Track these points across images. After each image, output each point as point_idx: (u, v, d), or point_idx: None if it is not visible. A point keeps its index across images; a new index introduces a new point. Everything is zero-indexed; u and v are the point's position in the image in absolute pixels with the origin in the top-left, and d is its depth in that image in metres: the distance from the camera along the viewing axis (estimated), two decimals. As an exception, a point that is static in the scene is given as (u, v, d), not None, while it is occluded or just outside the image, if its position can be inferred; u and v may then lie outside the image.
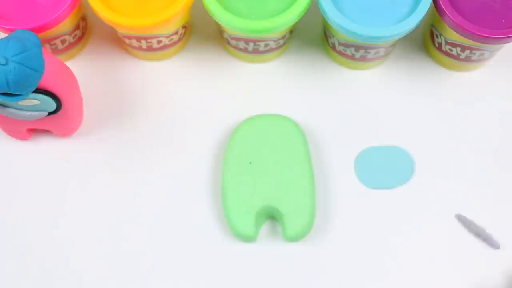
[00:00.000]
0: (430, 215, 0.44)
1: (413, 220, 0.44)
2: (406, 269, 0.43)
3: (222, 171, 0.44)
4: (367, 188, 0.45)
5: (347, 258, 0.43)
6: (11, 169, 0.46)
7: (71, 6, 0.44)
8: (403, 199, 0.45)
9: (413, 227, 0.44)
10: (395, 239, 0.44)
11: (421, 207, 0.44)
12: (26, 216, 0.44)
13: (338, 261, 0.43)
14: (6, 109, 0.41)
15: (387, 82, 0.48)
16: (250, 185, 0.43)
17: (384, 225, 0.44)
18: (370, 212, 0.44)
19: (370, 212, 0.44)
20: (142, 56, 0.49)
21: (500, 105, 0.47)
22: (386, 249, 0.43)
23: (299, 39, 0.50)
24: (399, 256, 0.43)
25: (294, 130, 0.45)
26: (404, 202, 0.44)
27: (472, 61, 0.47)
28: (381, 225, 0.44)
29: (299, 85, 0.48)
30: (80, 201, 0.45)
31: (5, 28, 0.43)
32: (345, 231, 0.43)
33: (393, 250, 0.43)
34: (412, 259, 0.43)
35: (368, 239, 0.44)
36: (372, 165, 0.45)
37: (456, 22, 0.42)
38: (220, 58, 0.49)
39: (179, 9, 0.43)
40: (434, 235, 0.44)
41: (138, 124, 0.47)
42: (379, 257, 0.43)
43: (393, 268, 0.43)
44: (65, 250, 0.44)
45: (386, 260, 0.43)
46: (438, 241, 0.43)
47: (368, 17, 0.43)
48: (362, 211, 0.44)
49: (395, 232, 0.44)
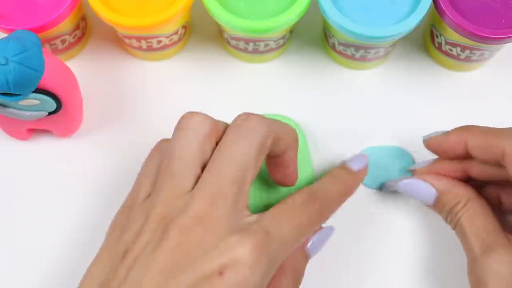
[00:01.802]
0: (430, 215, 0.44)
1: (413, 220, 0.44)
2: (407, 269, 0.43)
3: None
4: (367, 188, 0.45)
5: (347, 258, 0.43)
6: (11, 169, 0.46)
7: (71, 6, 0.44)
8: (403, 199, 0.45)
9: (413, 227, 0.44)
10: (395, 239, 0.44)
11: (421, 207, 0.44)
12: (26, 216, 0.44)
13: (338, 261, 0.43)
14: (6, 109, 0.41)
15: (387, 82, 0.48)
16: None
17: (384, 225, 0.44)
18: (370, 212, 0.44)
19: (370, 212, 0.44)
20: (142, 56, 0.49)
21: (500, 105, 0.47)
22: (386, 249, 0.43)
23: (299, 39, 0.50)
24: (399, 256, 0.43)
25: (294, 130, 0.45)
26: (404, 202, 0.44)
27: (472, 61, 0.47)
28: (381, 225, 0.44)
29: (299, 85, 0.48)
30: (80, 201, 0.45)
31: (5, 28, 0.43)
32: (345, 231, 0.43)
33: (393, 250, 0.43)
34: (412, 259, 0.43)
35: (368, 239, 0.44)
36: (372, 165, 0.45)
37: (456, 22, 0.42)
38: (220, 58, 0.49)
39: (179, 9, 0.43)
40: (435, 235, 0.44)
41: (138, 124, 0.47)
42: (379, 257, 0.43)
43: (393, 268, 0.43)
44: (65, 250, 0.44)
45: (386, 260, 0.43)
46: (438, 241, 0.43)
47: (368, 17, 0.43)
48: (362, 211, 0.44)
49: (395, 232, 0.44)
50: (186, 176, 0.34)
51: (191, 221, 0.32)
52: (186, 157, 0.34)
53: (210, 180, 0.34)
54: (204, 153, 0.35)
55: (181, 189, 0.34)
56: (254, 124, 0.35)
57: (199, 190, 0.33)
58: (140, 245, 0.33)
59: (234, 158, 0.34)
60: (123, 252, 0.33)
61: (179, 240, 0.32)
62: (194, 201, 0.33)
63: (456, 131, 0.39)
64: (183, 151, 0.35)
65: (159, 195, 0.34)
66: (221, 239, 0.32)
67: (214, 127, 0.36)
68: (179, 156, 0.35)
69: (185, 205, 0.33)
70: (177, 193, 0.34)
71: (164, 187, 0.34)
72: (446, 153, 0.40)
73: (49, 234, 0.44)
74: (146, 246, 0.33)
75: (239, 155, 0.34)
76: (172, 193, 0.34)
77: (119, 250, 0.34)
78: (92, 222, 0.44)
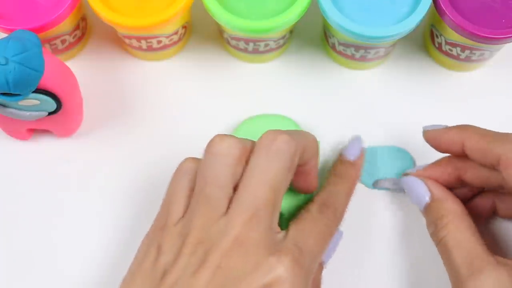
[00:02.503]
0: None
1: (413, 220, 0.44)
2: (407, 268, 0.43)
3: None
4: (367, 188, 0.45)
5: (347, 258, 0.43)
6: (11, 169, 0.46)
7: (71, 6, 0.44)
8: (403, 199, 0.45)
9: (413, 227, 0.44)
10: (395, 239, 0.44)
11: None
12: (26, 216, 0.44)
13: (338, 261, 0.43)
14: (6, 109, 0.41)
15: (387, 82, 0.48)
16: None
17: (384, 225, 0.44)
18: (370, 212, 0.44)
19: (370, 212, 0.44)
20: (142, 56, 0.49)
21: (500, 105, 0.47)
22: (386, 249, 0.43)
23: (299, 39, 0.50)
24: (399, 256, 0.43)
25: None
26: (404, 202, 0.44)
27: (472, 61, 0.47)
28: (381, 225, 0.44)
29: (299, 85, 0.48)
30: (80, 201, 0.45)
31: (5, 28, 0.43)
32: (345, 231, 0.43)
33: (393, 250, 0.43)
34: (412, 259, 0.43)
35: (368, 239, 0.44)
36: (372, 165, 0.45)
37: (456, 22, 0.42)
38: (220, 58, 0.49)
39: (179, 9, 0.43)
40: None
41: (138, 124, 0.47)
42: (379, 257, 0.43)
43: (394, 268, 0.43)
44: (65, 250, 0.44)
45: (386, 260, 0.43)
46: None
47: (368, 17, 0.43)
48: (362, 211, 0.44)
49: (395, 232, 0.44)
50: (220, 200, 0.35)
51: (230, 244, 0.34)
52: (219, 183, 0.36)
53: (245, 203, 0.35)
54: (235, 175, 0.36)
55: (216, 213, 0.35)
56: (283, 144, 0.36)
57: (236, 213, 0.35)
58: (179, 267, 0.34)
59: (266, 179, 0.35)
60: (162, 273, 0.34)
61: (220, 263, 0.33)
62: (232, 224, 0.34)
63: (455, 130, 0.40)
64: (216, 176, 0.36)
65: (195, 218, 0.35)
66: (261, 260, 0.34)
67: (243, 148, 0.37)
68: (212, 181, 0.36)
69: (223, 229, 0.34)
70: (212, 217, 0.35)
71: (199, 211, 0.35)
72: (441, 148, 0.41)
73: (49, 234, 0.44)
74: (186, 269, 0.34)
75: (271, 177, 0.35)
76: (208, 217, 0.35)
77: (157, 271, 0.35)
78: (92, 222, 0.44)
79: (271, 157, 0.36)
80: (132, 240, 0.44)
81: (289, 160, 0.36)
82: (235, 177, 0.36)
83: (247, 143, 0.37)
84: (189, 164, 0.39)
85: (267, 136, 0.37)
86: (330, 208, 0.38)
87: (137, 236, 0.44)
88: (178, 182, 0.38)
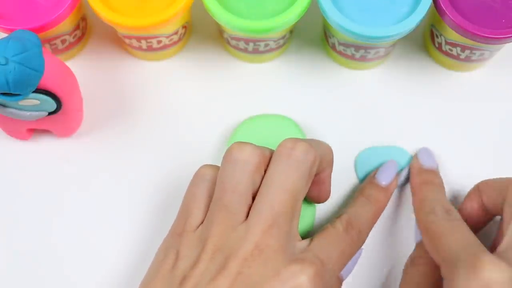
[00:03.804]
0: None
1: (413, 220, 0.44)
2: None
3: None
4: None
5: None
6: (11, 169, 0.46)
7: (71, 6, 0.44)
8: (403, 199, 0.45)
9: (413, 227, 0.44)
10: (395, 239, 0.44)
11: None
12: (26, 216, 0.44)
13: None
14: (6, 109, 0.41)
15: (387, 82, 0.48)
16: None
17: (384, 225, 0.44)
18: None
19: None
20: (142, 56, 0.49)
21: (500, 105, 0.47)
22: (386, 249, 0.43)
23: (299, 39, 0.50)
24: (399, 256, 0.43)
25: (294, 130, 0.45)
26: (404, 202, 0.45)
27: (472, 61, 0.47)
28: (381, 225, 0.44)
29: (299, 85, 0.48)
30: (80, 201, 0.45)
31: (5, 28, 0.43)
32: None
33: (393, 250, 0.43)
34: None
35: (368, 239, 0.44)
36: (372, 165, 0.45)
37: (456, 22, 0.42)
38: (220, 58, 0.49)
39: (179, 9, 0.43)
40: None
41: (138, 124, 0.47)
42: (379, 256, 0.43)
43: (394, 268, 0.43)
44: (65, 250, 0.44)
45: (386, 260, 0.43)
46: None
47: (368, 17, 0.43)
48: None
49: (395, 232, 0.44)
50: (239, 208, 0.36)
51: (250, 251, 0.34)
52: (239, 190, 0.36)
53: (264, 210, 0.35)
54: (254, 183, 0.36)
55: (235, 220, 0.35)
56: (302, 153, 0.36)
57: (255, 221, 0.35)
58: (198, 273, 0.34)
59: (286, 188, 0.35)
60: (181, 278, 0.35)
61: (240, 270, 0.33)
62: (251, 232, 0.34)
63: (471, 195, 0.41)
64: (236, 183, 0.36)
65: (214, 225, 0.35)
66: (281, 267, 0.34)
67: (262, 156, 0.37)
68: (231, 189, 0.36)
69: (243, 236, 0.34)
70: (231, 224, 0.35)
71: (218, 218, 0.35)
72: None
73: (49, 234, 0.44)
74: (205, 274, 0.34)
75: (290, 185, 0.36)
76: (227, 224, 0.35)
77: (176, 276, 0.35)
78: (92, 222, 0.44)
79: (290, 165, 0.36)
80: (132, 239, 0.44)
81: (308, 169, 0.36)
82: (254, 185, 0.36)
83: (265, 151, 0.37)
84: (206, 170, 0.39)
85: (285, 144, 0.37)
86: (355, 229, 0.39)
87: (136, 235, 0.44)
88: (197, 188, 0.38)
